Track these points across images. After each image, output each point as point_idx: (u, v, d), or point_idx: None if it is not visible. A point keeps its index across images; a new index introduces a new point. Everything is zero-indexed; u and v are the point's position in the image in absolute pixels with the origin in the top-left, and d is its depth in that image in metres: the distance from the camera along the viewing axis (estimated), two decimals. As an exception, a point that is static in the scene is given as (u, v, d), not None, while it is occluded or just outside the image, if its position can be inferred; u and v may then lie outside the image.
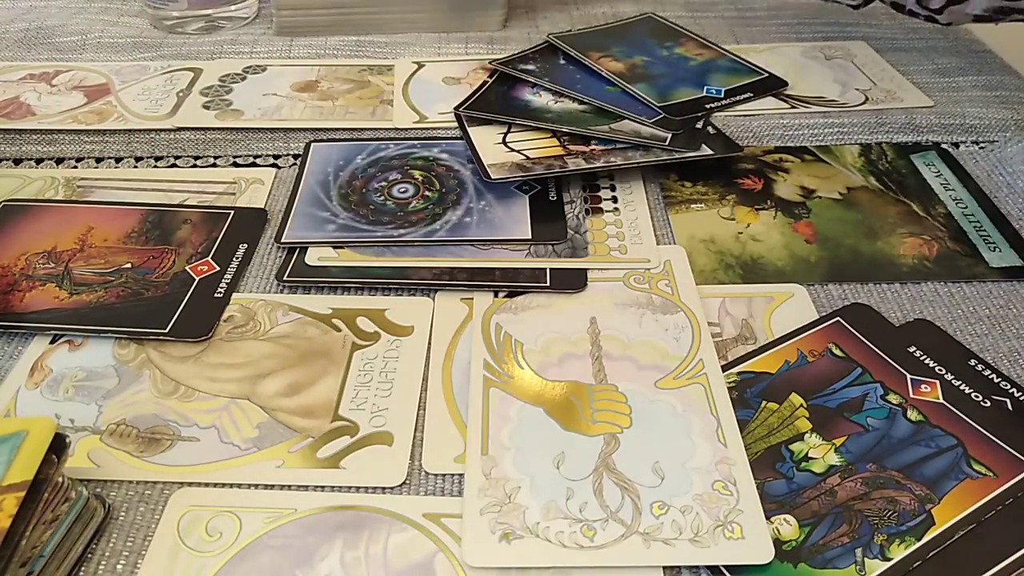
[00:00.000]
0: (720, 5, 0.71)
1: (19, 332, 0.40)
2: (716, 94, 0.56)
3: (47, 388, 0.38)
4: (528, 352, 0.39)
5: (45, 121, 0.55)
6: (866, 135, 0.54)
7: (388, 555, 0.31)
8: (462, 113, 0.53)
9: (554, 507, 0.32)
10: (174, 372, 0.38)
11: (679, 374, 0.37)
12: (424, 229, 0.45)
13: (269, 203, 0.49)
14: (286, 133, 0.55)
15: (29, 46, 0.65)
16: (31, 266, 0.43)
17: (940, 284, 0.43)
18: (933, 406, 0.36)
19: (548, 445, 0.34)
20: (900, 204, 0.48)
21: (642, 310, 0.41)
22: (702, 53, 0.61)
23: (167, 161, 0.53)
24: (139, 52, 0.64)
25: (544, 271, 0.43)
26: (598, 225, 0.46)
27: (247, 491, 0.33)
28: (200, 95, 0.58)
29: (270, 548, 0.31)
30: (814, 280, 0.43)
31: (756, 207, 0.48)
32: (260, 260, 0.45)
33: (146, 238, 0.45)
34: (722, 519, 0.31)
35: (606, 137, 0.50)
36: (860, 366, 0.38)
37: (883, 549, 0.31)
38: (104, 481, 0.34)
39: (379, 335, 0.40)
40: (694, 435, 0.35)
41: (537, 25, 0.68)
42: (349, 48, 0.65)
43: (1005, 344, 0.39)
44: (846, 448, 0.34)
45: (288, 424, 0.36)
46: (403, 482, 0.34)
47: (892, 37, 0.65)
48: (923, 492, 0.32)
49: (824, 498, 0.32)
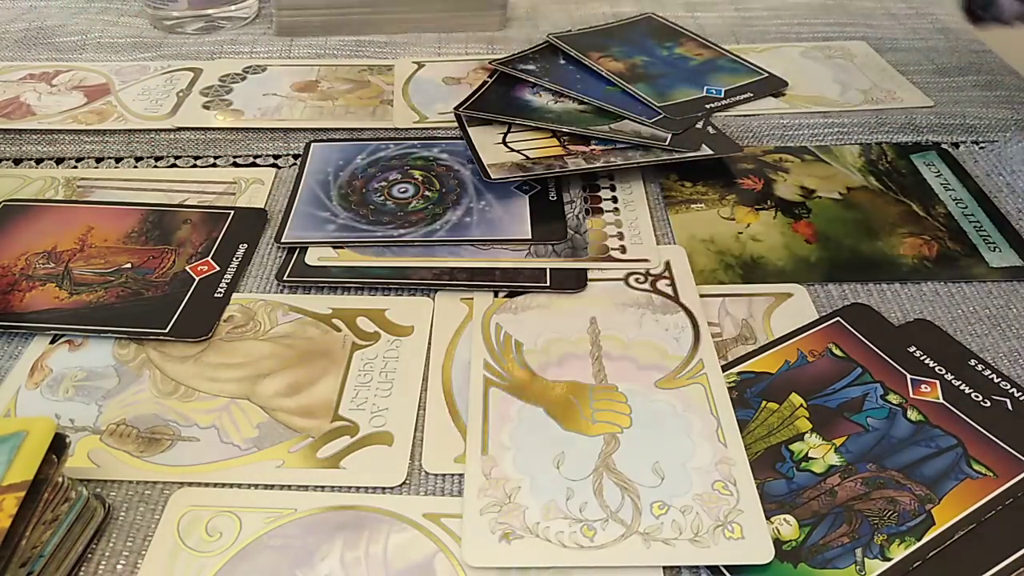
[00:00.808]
0: (720, 5, 0.71)
1: (19, 332, 0.40)
2: (716, 94, 0.56)
3: (47, 388, 0.38)
4: (528, 352, 0.39)
5: (45, 121, 0.55)
6: (866, 135, 0.54)
7: (388, 555, 0.31)
8: (462, 113, 0.53)
9: (554, 507, 0.32)
10: (174, 372, 0.38)
11: (679, 374, 0.37)
12: (424, 229, 0.45)
13: (269, 203, 0.49)
14: (286, 133, 0.55)
15: (29, 46, 0.65)
16: (31, 266, 0.43)
17: (940, 284, 0.43)
18: (933, 406, 0.36)
19: (548, 445, 0.34)
20: (900, 204, 0.48)
21: (642, 310, 0.41)
22: (702, 53, 0.61)
23: (167, 161, 0.53)
24: (139, 52, 0.64)
25: (544, 271, 0.43)
26: (598, 225, 0.46)
27: (247, 491, 0.33)
28: (200, 95, 0.58)
29: (270, 548, 0.31)
30: (814, 280, 0.43)
31: (756, 207, 0.48)
32: (260, 260, 0.45)
33: (146, 238, 0.45)
34: (722, 519, 0.31)
35: (606, 137, 0.50)
36: (860, 366, 0.38)
37: (883, 549, 0.31)
38: (104, 481, 0.34)
39: (379, 335, 0.40)
40: (694, 435, 0.35)
41: (537, 25, 0.68)
42: (349, 48, 0.65)
43: (1005, 344, 0.39)
44: (846, 448, 0.34)
45: (288, 424, 0.36)
46: (403, 482, 0.34)
47: (892, 37, 0.65)
48: (923, 492, 0.32)
49: (824, 498, 0.32)
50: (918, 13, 0.69)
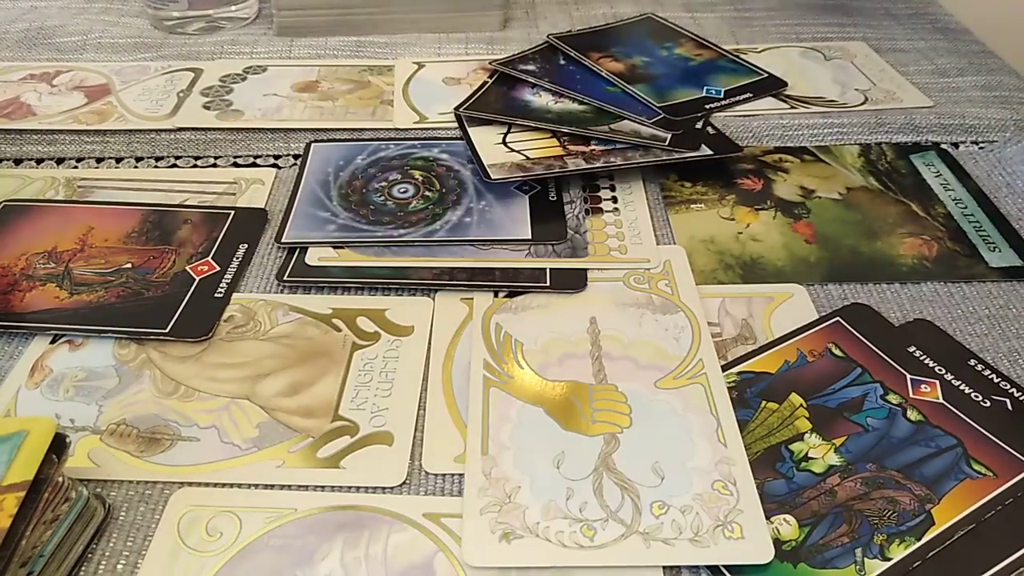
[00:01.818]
0: (720, 5, 0.71)
1: (19, 332, 0.40)
2: (716, 94, 0.56)
3: (47, 388, 0.38)
4: (528, 352, 0.39)
5: (46, 121, 0.55)
6: (866, 135, 0.54)
7: (388, 555, 0.31)
8: (462, 113, 0.53)
9: (554, 507, 0.32)
10: (174, 372, 0.38)
11: (679, 374, 0.37)
12: (424, 229, 0.45)
13: (269, 203, 0.49)
14: (286, 133, 0.55)
15: (30, 46, 0.65)
16: (31, 266, 0.43)
17: (940, 284, 0.43)
18: (933, 406, 0.36)
19: (548, 445, 0.34)
20: (900, 204, 0.48)
21: (642, 310, 0.41)
22: (702, 53, 0.61)
23: (167, 161, 0.53)
24: (140, 52, 0.64)
25: (544, 271, 0.43)
26: (598, 225, 0.46)
27: (247, 491, 0.33)
28: (200, 95, 0.58)
29: (270, 548, 0.31)
30: (814, 280, 0.43)
31: (756, 207, 0.48)
32: (260, 260, 0.45)
33: (146, 238, 0.45)
34: (722, 519, 0.31)
35: (606, 137, 0.50)
36: (860, 366, 0.38)
37: (883, 549, 0.31)
38: (104, 481, 0.34)
39: (379, 335, 0.40)
40: (694, 435, 0.35)
41: (537, 25, 0.68)
42: (349, 48, 0.65)
43: (1005, 344, 0.39)
44: (846, 448, 0.34)
45: (288, 424, 0.36)
46: (403, 482, 0.34)
47: (892, 37, 0.65)
48: (923, 492, 0.32)
49: (824, 498, 0.32)
50: (918, 13, 0.69)
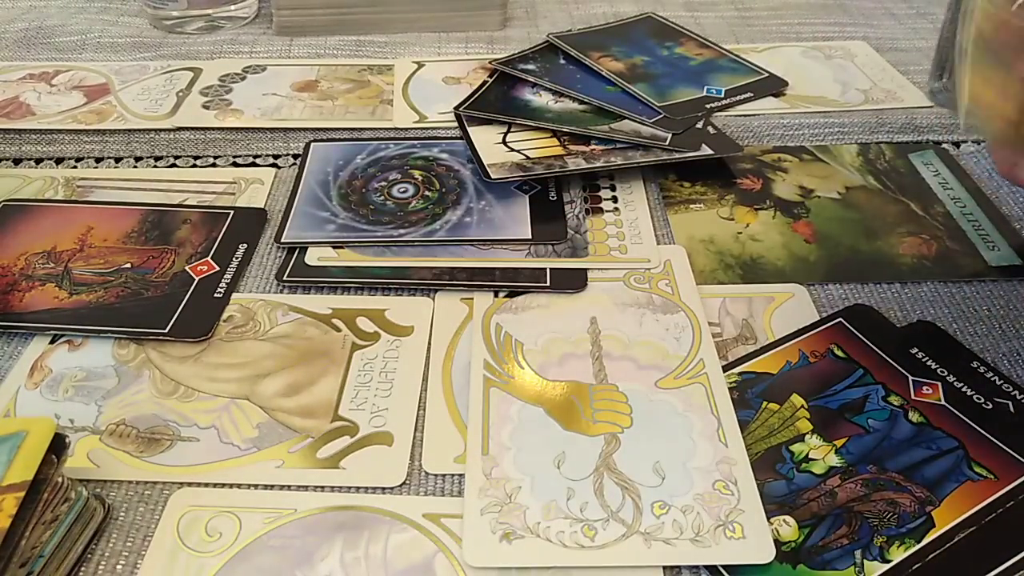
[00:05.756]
0: (720, 5, 0.71)
1: (19, 332, 0.40)
2: (716, 94, 0.56)
3: (47, 388, 0.37)
4: (528, 352, 0.39)
5: (45, 121, 0.55)
6: (866, 135, 0.54)
7: (388, 555, 0.31)
8: (462, 113, 0.53)
9: (555, 507, 0.32)
10: (174, 372, 0.38)
11: (680, 374, 0.37)
12: (424, 229, 0.45)
13: (269, 203, 0.49)
14: (286, 133, 0.55)
15: (29, 46, 0.65)
16: (31, 266, 0.43)
17: (940, 284, 0.43)
18: (934, 408, 0.36)
19: (548, 445, 0.34)
20: (899, 203, 0.48)
21: (642, 310, 0.41)
22: (702, 53, 0.61)
23: (167, 161, 0.53)
24: (139, 52, 0.64)
25: (544, 271, 0.43)
26: (598, 225, 0.46)
27: (247, 491, 0.33)
28: (200, 95, 0.58)
29: (270, 548, 0.31)
30: (814, 280, 0.43)
31: (755, 207, 0.48)
32: (260, 260, 0.45)
33: (146, 238, 0.45)
34: (723, 519, 0.31)
35: (606, 137, 0.50)
36: (861, 367, 0.38)
37: (883, 551, 0.31)
38: (104, 481, 0.34)
39: (379, 335, 0.40)
40: (695, 435, 0.35)
41: (537, 25, 0.68)
42: (349, 48, 0.64)
43: (1005, 344, 0.39)
44: (847, 449, 0.34)
45: (288, 424, 0.36)
46: (403, 482, 0.34)
47: (892, 37, 0.65)
48: (923, 494, 0.32)
49: (824, 499, 0.32)
50: (918, 13, 0.69)
